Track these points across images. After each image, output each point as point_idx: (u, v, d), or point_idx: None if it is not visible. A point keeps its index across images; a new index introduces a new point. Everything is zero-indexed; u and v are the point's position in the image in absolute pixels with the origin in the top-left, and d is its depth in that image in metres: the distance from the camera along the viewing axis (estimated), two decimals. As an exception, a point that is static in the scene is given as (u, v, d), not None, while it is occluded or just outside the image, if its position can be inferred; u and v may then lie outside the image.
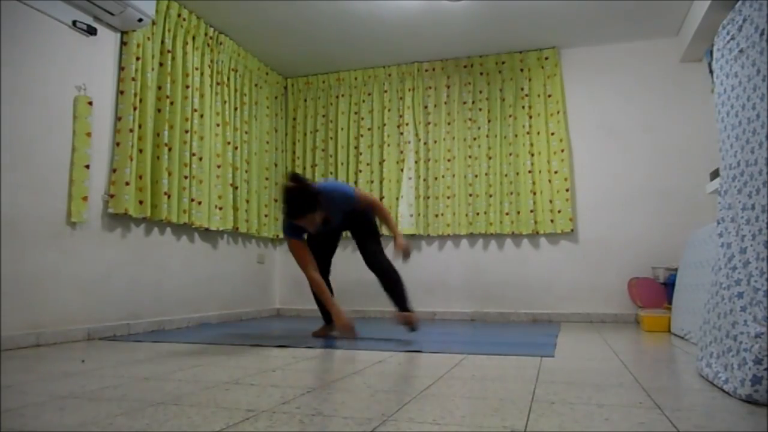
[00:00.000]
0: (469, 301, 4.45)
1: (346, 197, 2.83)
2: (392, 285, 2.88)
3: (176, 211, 3.54)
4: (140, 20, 3.14)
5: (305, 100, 5.02)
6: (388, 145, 4.68)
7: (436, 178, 4.58)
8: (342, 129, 4.83)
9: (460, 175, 4.50)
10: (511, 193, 4.38)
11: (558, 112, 4.33)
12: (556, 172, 4.28)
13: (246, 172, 4.37)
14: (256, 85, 4.59)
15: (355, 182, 4.73)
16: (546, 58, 4.42)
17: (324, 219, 2.81)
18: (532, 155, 4.36)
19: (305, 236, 2.87)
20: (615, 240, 4.17)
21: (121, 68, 3.26)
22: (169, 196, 3.48)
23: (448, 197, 4.51)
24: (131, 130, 3.21)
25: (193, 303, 3.84)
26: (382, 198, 4.62)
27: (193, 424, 1.27)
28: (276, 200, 4.77)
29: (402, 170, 4.65)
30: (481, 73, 4.57)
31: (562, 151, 4.28)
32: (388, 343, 2.76)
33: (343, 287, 4.74)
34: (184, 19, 3.68)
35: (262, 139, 4.62)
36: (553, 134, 4.33)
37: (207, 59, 3.92)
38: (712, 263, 1.98)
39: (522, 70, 4.49)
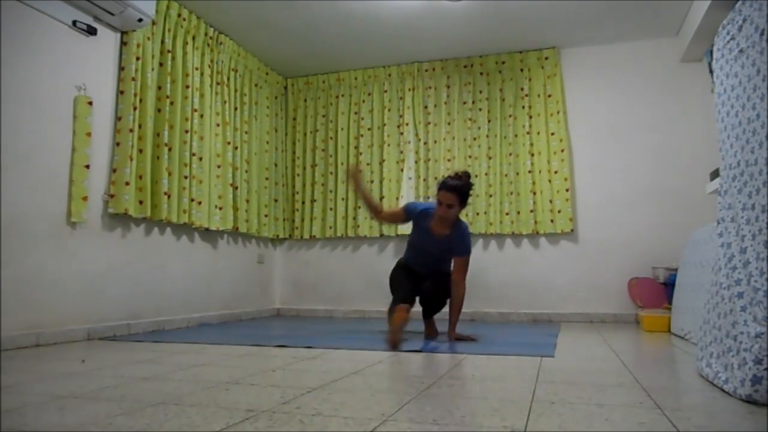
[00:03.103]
0: (469, 301, 4.40)
1: (460, 248, 2.96)
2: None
3: (176, 211, 3.54)
4: (140, 20, 3.14)
5: (305, 100, 5.02)
6: (388, 145, 4.68)
7: (436, 178, 4.57)
8: (342, 129, 4.83)
9: (460, 175, 4.49)
10: (511, 193, 4.38)
11: (558, 112, 4.33)
12: (556, 172, 4.28)
13: (246, 172, 4.37)
14: (256, 85, 4.59)
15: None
16: (546, 58, 4.42)
17: (441, 230, 2.96)
18: (532, 155, 4.36)
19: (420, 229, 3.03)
20: (615, 240, 4.17)
21: (121, 68, 3.26)
22: (169, 196, 3.47)
23: (448, 197, 4.50)
24: (131, 130, 3.21)
25: (193, 303, 3.84)
26: (381, 198, 4.62)
27: (193, 424, 1.27)
28: (276, 200, 4.77)
29: (402, 170, 4.65)
30: (481, 73, 4.57)
31: (562, 151, 4.28)
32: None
33: (345, 287, 4.74)
34: (184, 19, 3.68)
35: (262, 139, 4.62)
36: (553, 134, 4.33)
37: (207, 59, 3.92)
38: (712, 263, 1.98)
39: (522, 70, 4.48)
